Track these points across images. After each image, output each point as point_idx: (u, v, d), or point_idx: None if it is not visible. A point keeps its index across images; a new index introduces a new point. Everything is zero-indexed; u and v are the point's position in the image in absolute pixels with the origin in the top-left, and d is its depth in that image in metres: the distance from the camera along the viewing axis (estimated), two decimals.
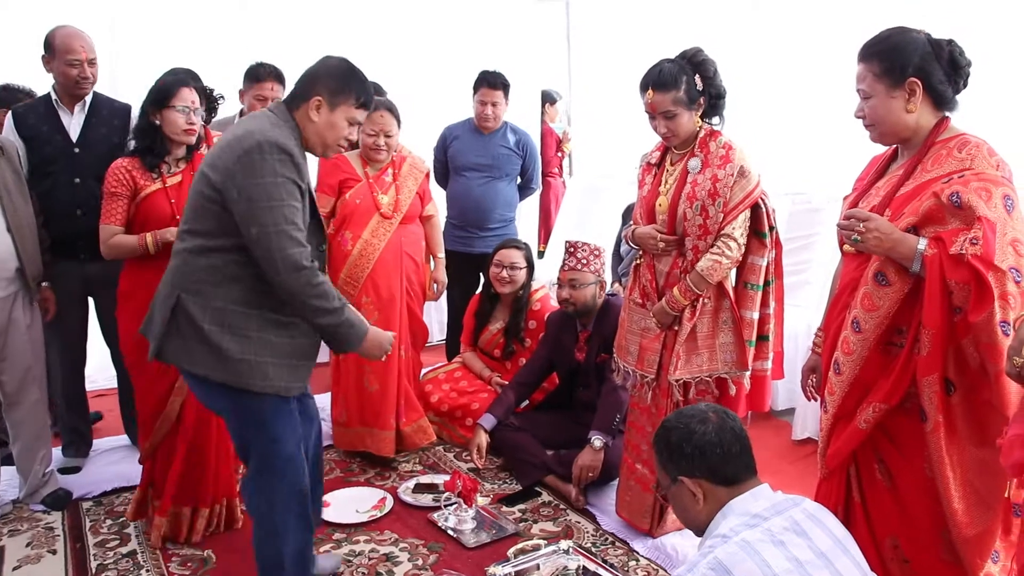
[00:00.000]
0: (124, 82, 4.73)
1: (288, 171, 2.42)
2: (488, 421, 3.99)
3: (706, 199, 3.04)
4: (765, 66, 5.35)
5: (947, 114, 2.25)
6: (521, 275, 4.42)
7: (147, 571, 3.20)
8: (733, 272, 3.15)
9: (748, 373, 3.16)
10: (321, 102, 2.52)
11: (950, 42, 2.21)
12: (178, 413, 3.27)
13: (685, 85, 3.01)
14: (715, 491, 1.90)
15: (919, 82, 2.18)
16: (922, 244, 2.09)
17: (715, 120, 3.16)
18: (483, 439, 3.95)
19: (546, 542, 3.27)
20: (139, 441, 3.45)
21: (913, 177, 2.23)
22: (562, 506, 3.68)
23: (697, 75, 3.04)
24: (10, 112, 3.84)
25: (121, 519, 3.59)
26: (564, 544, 3.20)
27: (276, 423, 2.59)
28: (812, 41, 5.04)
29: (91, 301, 4.04)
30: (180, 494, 3.32)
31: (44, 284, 3.66)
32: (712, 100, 3.10)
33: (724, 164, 3.03)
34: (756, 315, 3.15)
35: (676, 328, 3.16)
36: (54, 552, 3.35)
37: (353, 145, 3.57)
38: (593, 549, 3.30)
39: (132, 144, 3.32)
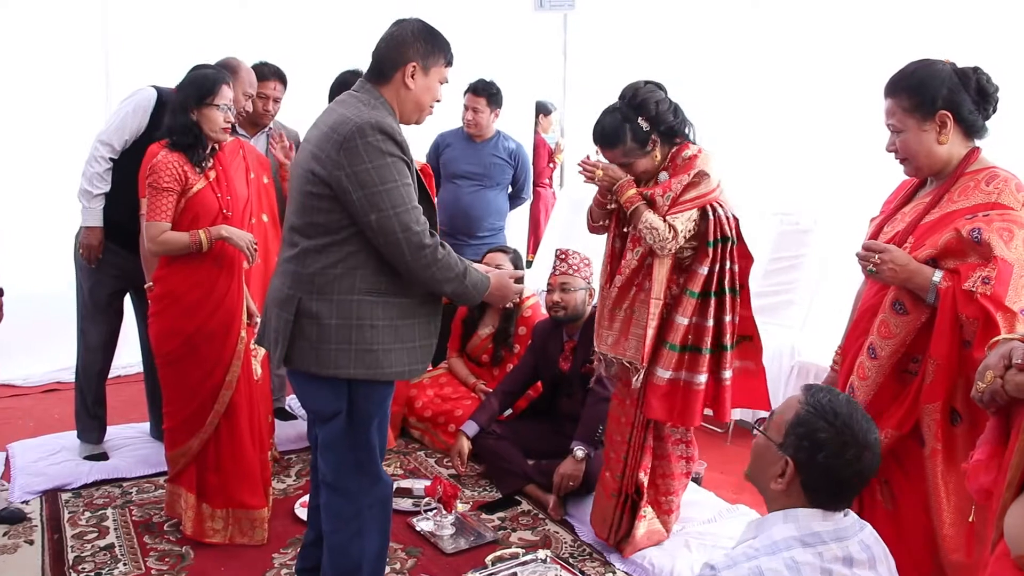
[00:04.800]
0: (117, 80, 4.73)
1: (394, 149, 2.37)
2: (471, 428, 4.00)
3: (656, 190, 2.99)
4: (755, 89, 5.40)
5: (978, 142, 2.27)
6: None
7: (124, 564, 3.19)
8: (665, 272, 3.02)
9: (641, 373, 3.04)
10: (416, 67, 2.47)
11: (976, 70, 2.23)
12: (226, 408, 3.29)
13: (630, 135, 2.99)
14: (799, 494, 1.77)
15: (950, 114, 2.20)
16: (937, 276, 2.12)
17: (679, 139, 3.07)
18: (465, 445, 3.97)
19: (524, 551, 3.28)
20: (168, 450, 3.36)
21: (939, 207, 2.24)
22: (541, 515, 3.69)
23: (640, 118, 2.99)
24: (154, 89, 3.80)
25: (100, 511, 3.58)
26: (542, 553, 3.22)
27: (382, 422, 2.60)
28: (801, 65, 5.10)
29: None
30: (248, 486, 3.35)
31: None
32: (664, 132, 3.03)
33: (686, 170, 2.99)
34: (685, 321, 3.02)
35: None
36: (31, 543, 3.34)
37: None
38: (571, 560, 3.31)
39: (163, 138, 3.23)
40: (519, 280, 3.09)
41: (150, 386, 4.17)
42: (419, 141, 5.01)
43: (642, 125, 2.99)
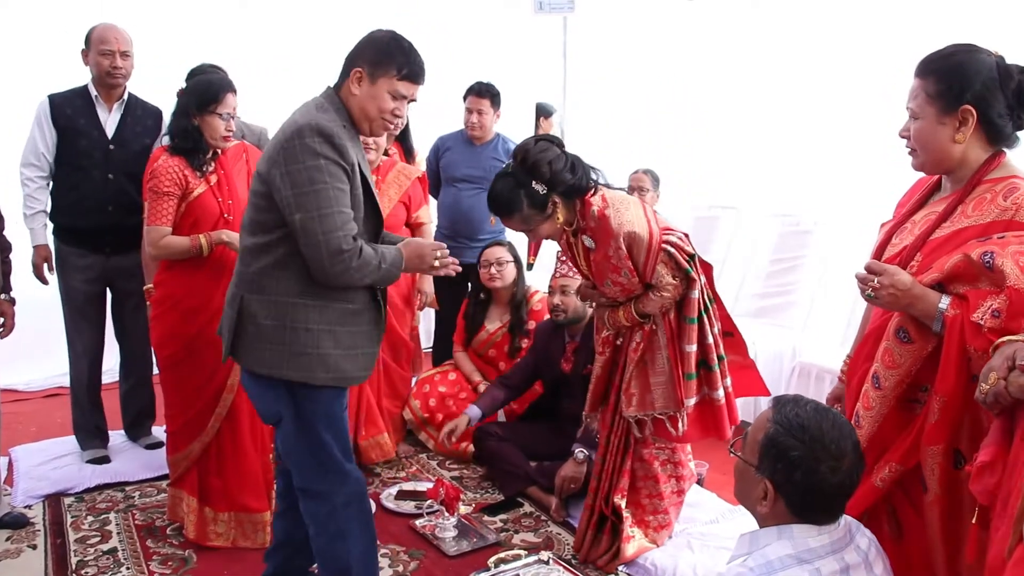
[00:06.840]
0: None
1: (328, 152, 2.35)
2: (474, 412, 4.02)
3: (611, 275, 2.97)
4: (755, 90, 5.41)
5: (1003, 149, 2.00)
6: (510, 269, 4.43)
7: (127, 568, 3.20)
8: (672, 316, 3.05)
9: (684, 410, 3.05)
10: (362, 74, 2.46)
11: (1022, 71, 1.93)
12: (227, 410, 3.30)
13: (526, 200, 2.87)
14: (786, 514, 1.73)
15: (973, 111, 1.93)
16: (944, 303, 1.88)
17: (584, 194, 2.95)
18: (464, 423, 3.97)
19: (526, 552, 3.28)
20: (170, 453, 3.38)
21: (951, 220, 1.99)
22: (543, 517, 3.69)
23: (535, 181, 2.86)
24: (47, 99, 3.87)
25: (103, 516, 3.59)
26: (544, 555, 3.21)
27: (333, 421, 2.58)
28: (801, 66, 5.11)
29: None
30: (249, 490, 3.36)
31: (2, 297, 3.41)
32: (564, 191, 2.90)
33: (606, 239, 2.90)
34: (694, 348, 3.04)
35: (620, 363, 3.16)
36: (34, 547, 3.34)
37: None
38: (573, 561, 3.31)
39: (167, 141, 3.25)
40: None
41: (123, 388, 4.25)
42: (419, 145, 5.04)
43: (538, 189, 2.86)
